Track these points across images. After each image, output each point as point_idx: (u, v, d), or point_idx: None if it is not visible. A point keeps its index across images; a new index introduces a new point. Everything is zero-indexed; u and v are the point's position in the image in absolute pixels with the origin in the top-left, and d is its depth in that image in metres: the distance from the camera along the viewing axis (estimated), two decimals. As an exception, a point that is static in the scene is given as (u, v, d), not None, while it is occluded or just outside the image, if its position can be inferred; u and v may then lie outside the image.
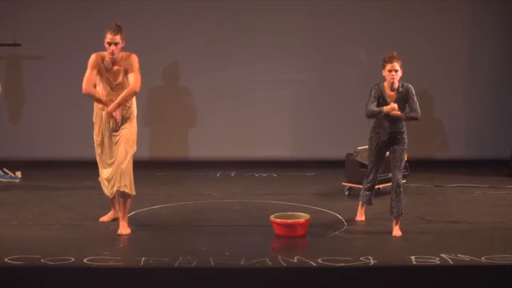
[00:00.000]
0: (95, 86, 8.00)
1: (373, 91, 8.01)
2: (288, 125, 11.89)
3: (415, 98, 8.01)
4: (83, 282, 6.59)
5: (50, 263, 6.92)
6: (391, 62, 7.89)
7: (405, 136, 8.10)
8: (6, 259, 6.98)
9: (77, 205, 9.15)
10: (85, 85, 7.92)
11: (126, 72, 7.94)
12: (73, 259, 7.03)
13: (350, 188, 9.63)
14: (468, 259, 7.10)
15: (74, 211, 8.87)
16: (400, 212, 8.00)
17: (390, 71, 7.91)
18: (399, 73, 7.94)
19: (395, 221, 8.02)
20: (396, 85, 7.97)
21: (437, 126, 11.88)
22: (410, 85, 8.03)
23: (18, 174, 10.54)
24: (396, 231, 7.98)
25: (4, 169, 10.52)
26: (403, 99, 7.96)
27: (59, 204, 9.20)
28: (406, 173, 9.69)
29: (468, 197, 9.70)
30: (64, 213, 8.79)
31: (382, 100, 7.98)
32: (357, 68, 11.64)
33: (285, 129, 11.88)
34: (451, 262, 6.99)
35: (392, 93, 7.99)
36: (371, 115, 8.01)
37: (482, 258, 7.10)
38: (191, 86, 11.79)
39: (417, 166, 10.31)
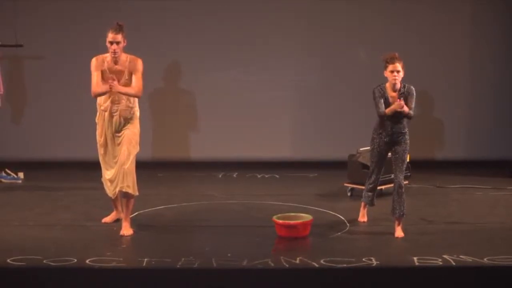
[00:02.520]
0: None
1: (376, 92, 8.01)
2: (290, 126, 11.89)
3: (414, 99, 8.02)
4: (86, 283, 6.59)
5: (52, 264, 6.93)
6: (393, 63, 7.90)
7: (407, 137, 8.10)
8: (8, 260, 6.99)
9: (79, 205, 9.16)
10: (93, 89, 7.95)
11: (131, 75, 7.95)
12: (75, 260, 7.04)
13: (352, 189, 9.63)
14: (470, 260, 7.10)
15: (76, 212, 8.87)
16: (402, 213, 8.00)
17: (392, 71, 7.92)
18: (401, 74, 7.94)
19: (397, 222, 8.02)
20: (398, 85, 7.98)
21: (439, 127, 11.87)
22: (412, 87, 8.04)
23: (21, 175, 10.54)
24: (399, 232, 7.98)
25: (7, 170, 10.52)
26: (404, 99, 7.96)
27: (61, 205, 9.21)
28: (408, 174, 9.69)
29: (469, 198, 9.71)
30: (66, 214, 8.79)
31: (385, 101, 7.99)
32: (358, 68, 11.63)
33: (287, 130, 11.88)
34: (453, 263, 7.00)
35: (394, 93, 7.99)
36: (385, 116, 8.02)
37: (484, 259, 7.10)
38: (193, 87, 11.79)
39: (419, 167, 10.32)
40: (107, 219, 8.44)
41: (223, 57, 11.70)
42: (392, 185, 8.27)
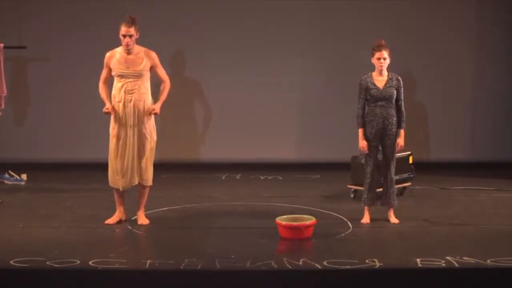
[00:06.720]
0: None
1: (360, 88, 8.42)
2: (293, 127, 11.89)
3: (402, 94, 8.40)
4: (89, 285, 6.58)
5: (56, 265, 6.92)
6: (379, 50, 8.30)
7: (396, 125, 8.34)
8: (11, 262, 6.98)
9: (83, 207, 9.16)
10: (100, 83, 8.23)
11: (150, 67, 8.18)
12: (78, 262, 7.03)
13: (355, 191, 9.63)
14: (474, 261, 7.09)
15: (79, 213, 8.88)
16: (394, 201, 8.45)
17: (379, 59, 8.31)
18: (387, 61, 8.32)
19: (390, 211, 8.46)
20: (385, 72, 8.32)
21: (442, 128, 11.86)
22: (399, 77, 8.38)
23: (24, 176, 10.55)
24: (393, 219, 8.43)
25: (10, 172, 10.53)
26: (394, 86, 8.31)
27: (65, 206, 9.21)
28: (412, 175, 9.72)
29: (473, 199, 9.70)
30: (69, 215, 8.80)
31: (372, 88, 8.32)
32: (362, 70, 11.59)
33: (290, 131, 11.88)
34: (457, 265, 6.99)
35: (381, 77, 8.34)
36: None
37: (488, 260, 7.08)
38: (196, 88, 11.80)
39: (422, 168, 10.31)
40: (110, 221, 8.43)
41: (226, 59, 11.71)
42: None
